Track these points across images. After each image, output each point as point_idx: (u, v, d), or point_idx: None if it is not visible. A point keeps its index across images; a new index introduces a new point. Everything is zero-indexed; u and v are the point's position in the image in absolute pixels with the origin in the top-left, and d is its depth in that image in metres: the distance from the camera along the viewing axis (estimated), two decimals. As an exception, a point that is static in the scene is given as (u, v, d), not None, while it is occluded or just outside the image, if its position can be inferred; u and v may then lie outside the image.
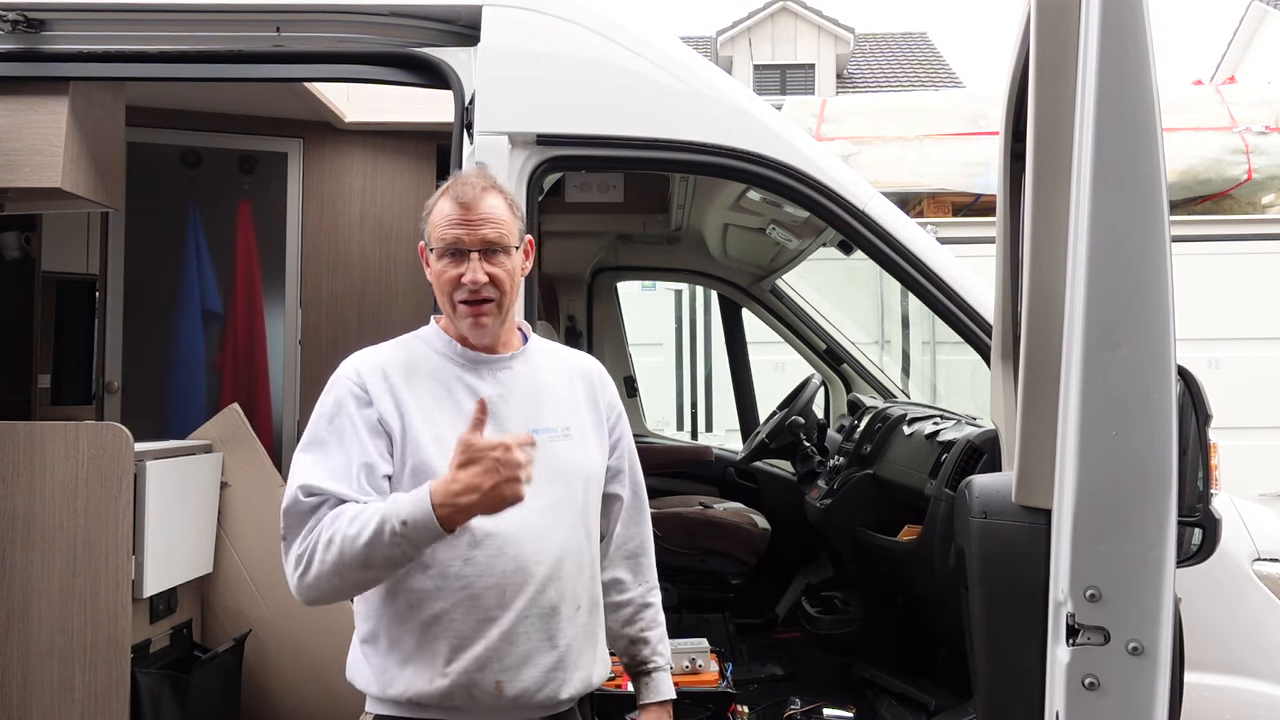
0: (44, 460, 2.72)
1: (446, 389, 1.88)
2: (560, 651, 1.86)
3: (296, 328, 4.45)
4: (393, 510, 1.68)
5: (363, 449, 1.79)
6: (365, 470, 1.78)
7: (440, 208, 1.90)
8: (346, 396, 1.84)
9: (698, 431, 8.50)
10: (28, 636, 2.70)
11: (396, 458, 1.82)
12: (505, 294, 1.89)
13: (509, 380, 1.92)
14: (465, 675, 1.79)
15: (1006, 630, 1.84)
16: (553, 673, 1.86)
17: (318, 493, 1.76)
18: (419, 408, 1.85)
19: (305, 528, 1.75)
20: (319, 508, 1.75)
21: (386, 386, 1.85)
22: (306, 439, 1.84)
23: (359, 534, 1.68)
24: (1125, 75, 1.60)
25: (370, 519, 1.69)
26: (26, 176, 2.80)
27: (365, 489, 1.77)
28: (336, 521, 1.72)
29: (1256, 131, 6.73)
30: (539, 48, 2.61)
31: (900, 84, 20.24)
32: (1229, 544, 2.55)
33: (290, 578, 1.77)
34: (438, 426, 1.83)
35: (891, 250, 2.66)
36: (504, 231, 1.89)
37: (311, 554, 1.73)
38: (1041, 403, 1.76)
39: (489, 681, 1.80)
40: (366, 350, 1.94)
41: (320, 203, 4.46)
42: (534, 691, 1.84)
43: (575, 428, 1.97)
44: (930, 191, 6.85)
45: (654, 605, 2.12)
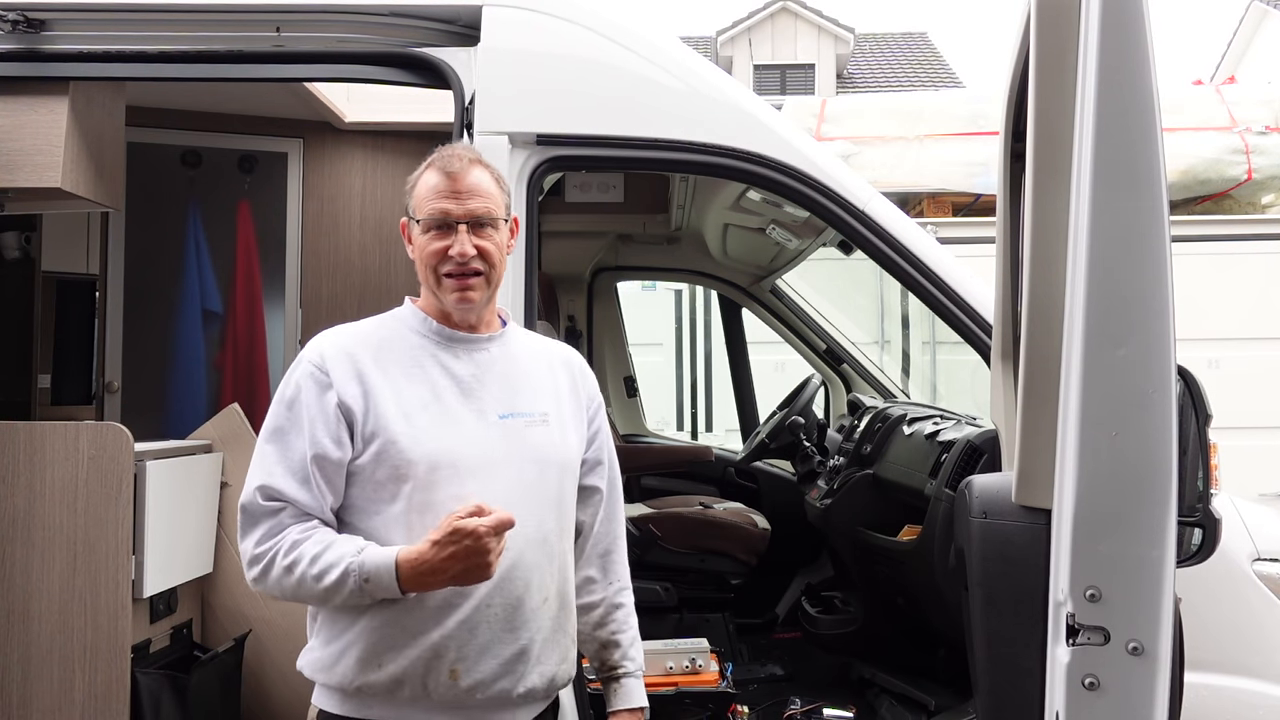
0: (44, 460, 2.72)
1: (419, 365, 1.86)
2: (522, 644, 1.82)
3: (296, 328, 4.45)
4: (358, 564, 1.70)
5: (315, 438, 1.78)
6: (318, 463, 1.78)
7: (426, 180, 1.87)
8: (305, 380, 1.82)
9: (698, 431, 8.50)
10: (28, 636, 2.70)
11: (359, 435, 1.79)
12: (493, 268, 1.87)
13: (485, 361, 1.90)
14: (420, 663, 1.76)
15: (1006, 630, 1.84)
16: (512, 664, 1.81)
17: (276, 497, 1.77)
18: (387, 383, 1.82)
19: (262, 529, 1.77)
20: (278, 514, 1.77)
21: (351, 366, 1.82)
22: (268, 426, 1.84)
23: (321, 575, 1.71)
24: (1125, 75, 1.60)
25: (334, 565, 1.71)
26: (27, 176, 2.80)
27: (320, 486, 1.78)
28: (298, 550, 1.74)
29: (1256, 131, 6.73)
30: (539, 48, 2.61)
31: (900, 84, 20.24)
32: (1229, 544, 2.55)
33: (245, 570, 1.81)
34: (405, 402, 1.81)
35: (891, 250, 2.66)
36: (492, 205, 1.87)
37: (269, 564, 1.76)
38: (1041, 403, 1.76)
39: (444, 670, 1.77)
40: (337, 328, 1.91)
41: (320, 203, 4.46)
42: (489, 683, 1.79)
43: (554, 415, 1.93)
44: (930, 191, 6.85)
45: (625, 606, 2.09)
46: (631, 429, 5.48)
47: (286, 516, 1.77)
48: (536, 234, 2.62)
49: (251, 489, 1.80)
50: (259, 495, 1.79)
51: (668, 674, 2.97)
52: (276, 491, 1.78)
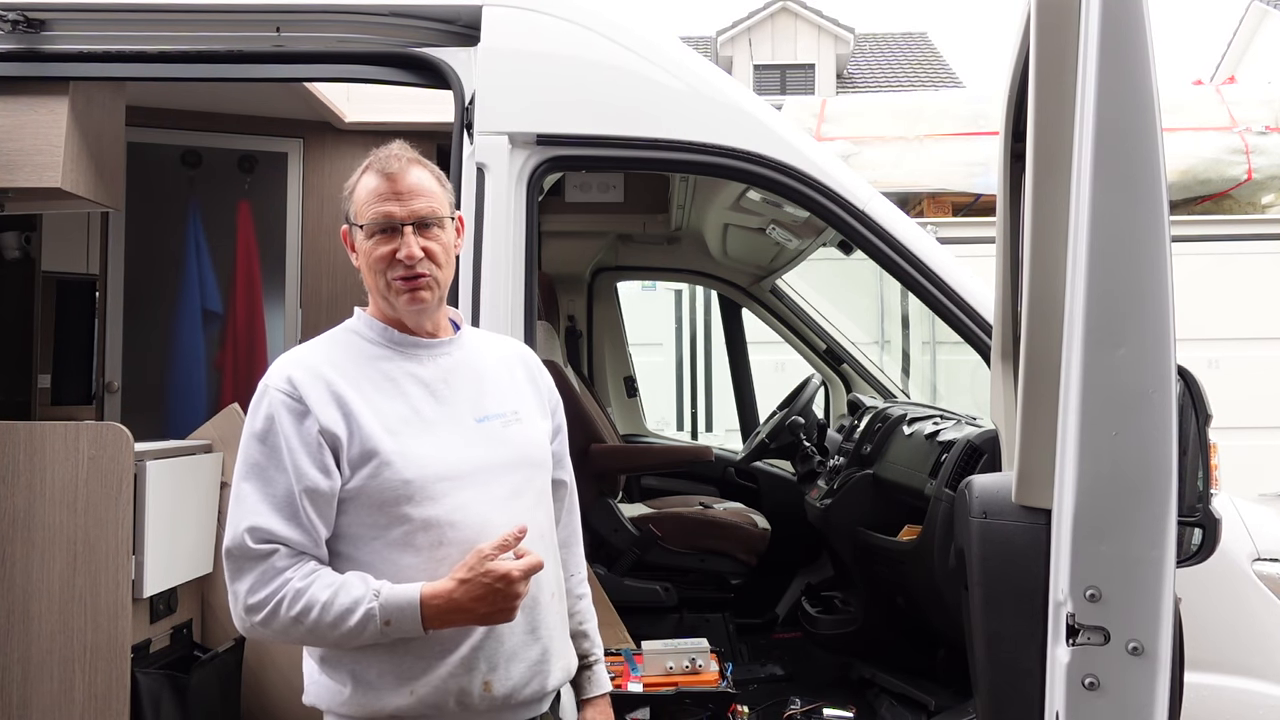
0: (44, 460, 2.71)
1: (389, 378, 1.79)
2: (543, 643, 1.82)
3: (296, 328, 4.45)
4: (378, 607, 1.64)
5: (300, 472, 1.69)
6: (308, 496, 1.69)
7: (365, 183, 1.83)
8: (279, 410, 1.72)
9: (698, 431, 8.50)
10: (28, 636, 2.70)
11: (345, 461, 1.71)
12: (441, 268, 1.83)
13: (450, 365, 1.86)
14: (452, 681, 1.72)
15: (1006, 630, 1.84)
16: (539, 665, 1.81)
17: (268, 539, 1.68)
18: (364, 401, 1.75)
19: (253, 575, 1.68)
20: (269, 557, 1.67)
21: (326, 389, 1.74)
22: (244, 463, 1.73)
23: (338, 623, 1.65)
24: (1125, 75, 1.60)
25: (350, 610, 1.64)
26: (27, 176, 2.79)
27: (311, 520, 1.70)
28: (305, 598, 1.65)
29: (1256, 131, 6.73)
30: (539, 48, 2.61)
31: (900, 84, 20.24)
32: (1229, 544, 2.55)
33: (238, 616, 1.71)
34: (386, 419, 1.75)
35: (891, 250, 2.66)
36: (435, 204, 1.83)
37: (271, 615, 1.67)
38: (1041, 403, 1.75)
39: (477, 683, 1.74)
40: (295, 353, 1.83)
41: (320, 203, 4.46)
42: (522, 687, 1.78)
43: (524, 411, 1.91)
44: (930, 191, 6.85)
45: (586, 596, 2.08)
46: (631, 429, 5.48)
47: (279, 559, 1.68)
48: (536, 234, 2.62)
49: (238, 532, 1.69)
50: (249, 538, 1.68)
51: (668, 674, 2.97)
52: (266, 533, 1.68)
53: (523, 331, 2.53)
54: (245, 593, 1.68)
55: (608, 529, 4.17)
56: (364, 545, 1.74)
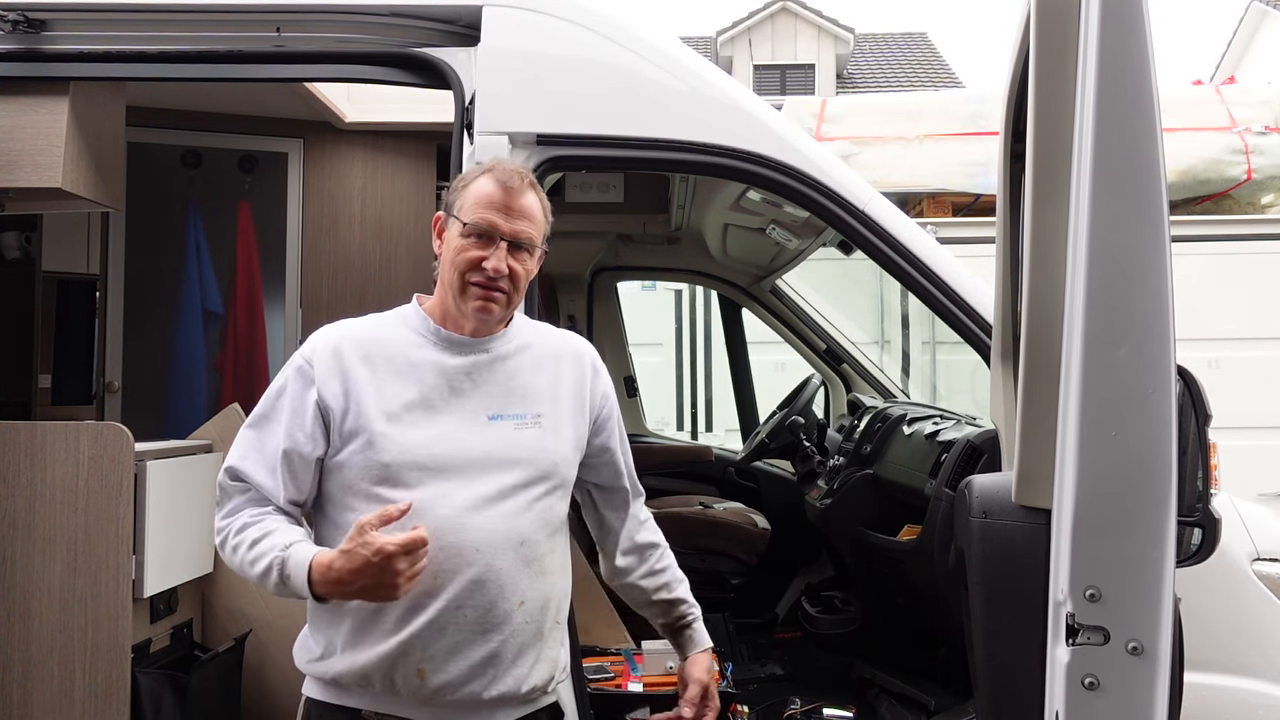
0: (44, 460, 2.72)
1: (411, 364, 1.86)
2: (493, 648, 1.80)
3: (296, 328, 4.45)
4: (280, 560, 1.74)
5: (289, 434, 1.82)
6: (287, 457, 1.82)
7: (481, 186, 1.86)
8: (294, 374, 1.86)
9: (698, 431, 8.50)
10: (28, 636, 2.70)
11: (336, 433, 1.81)
12: (518, 291, 1.88)
13: (481, 362, 1.89)
14: (384, 660, 1.77)
15: (1006, 630, 1.84)
16: (481, 668, 1.80)
17: (241, 478, 1.85)
18: (372, 381, 1.83)
19: (226, 506, 1.86)
20: (240, 494, 1.85)
21: (335, 364, 1.83)
22: (255, 411, 1.89)
23: (254, 562, 1.77)
24: (1125, 75, 1.60)
25: (263, 555, 1.76)
26: (27, 176, 2.80)
27: (284, 477, 1.83)
28: (243, 534, 1.81)
29: (1256, 131, 6.73)
30: (539, 48, 2.61)
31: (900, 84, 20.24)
32: (1229, 544, 2.55)
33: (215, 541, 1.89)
34: (387, 401, 1.81)
35: (891, 250, 2.66)
36: (535, 232, 1.89)
37: (223, 542, 1.85)
38: (1041, 403, 1.75)
39: (410, 668, 1.77)
40: (338, 323, 1.93)
41: (320, 203, 4.46)
42: (458, 685, 1.78)
43: (549, 415, 1.91)
44: (930, 191, 6.84)
45: (670, 565, 2.18)
46: (631, 429, 5.47)
47: (243, 498, 1.85)
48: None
49: (225, 466, 1.87)
50: (227, 475, 1.87)
51: (668, 674, 2.97)
52: (243, 473, 1.85)
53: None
54: (216, 520, 1.87)
55: (608, 529, 4.17)
56: (344, 513, 1.83)
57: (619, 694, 2.91)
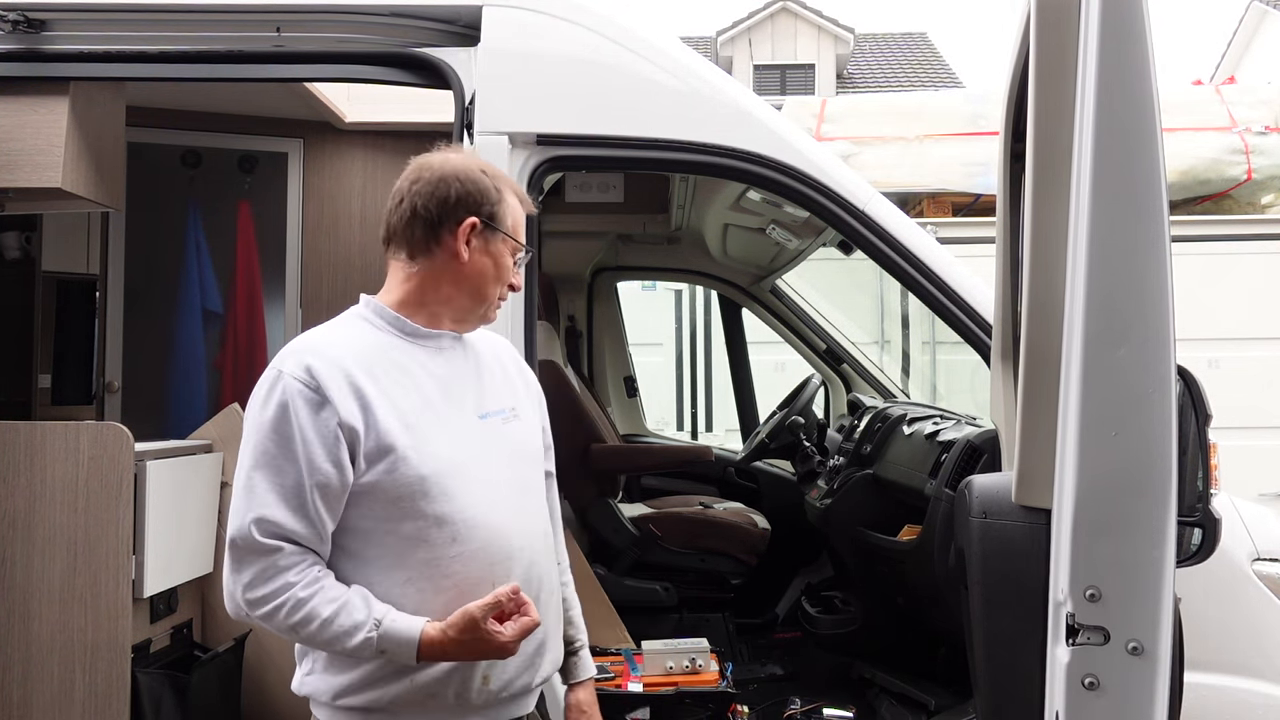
0: (44, 460, 2.72)
1: (403, 370, 1.78)
2: (540, 639, 1.83)
3: (297, 328, 4.45)
4: (375, 637, 1.65)
5: (313, 465, 1.67)
6: (320, 490, 1.67)
7: (516, 208, 1.88)
8: (295, 399, 1.68)
9: (698, 431, 8.50)
10: (28, 636, 2.70)
11: (361, 455, 1.70)
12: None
13: (455, 359, 1.87)
14: (455, 673, 1.73)
15: (1006, 630, 1.84)
16: (532, 658, 1.82)
17: (275, 534, 1.66)
18: (381, 393, 1.73)
19: (254, 569, 1.66)
20: (273, 554, 1.66)
21: (345, 380, 1.71)
22: (254, 451, 1.69)
23: (334, 639, 1.66)
24: (1125, 75, 1.60)
25: (350, 632, 1.65)
26: (27, 176, 2.79)
27: (319, 514, 1.68)
28: (306, 608, 1.65)
29: (1256, 131, 6.73)
30: (539, 48, 2.61)
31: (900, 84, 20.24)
32: (1229, 544, 2.55)
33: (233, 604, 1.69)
34: (403, 412, 1.74)
35: (891, 250, 2.66)
36: None
37: (272, 611, 1.66)
38: (1041, 403, 1.76)
39: (478, 677, 1.76)
40: (308, 340, 1.79)
41: (320, 203, 4.46)
42: (514, 680, 1.80)
43: (519, 408, 1.94)
44: (930, 191, 6.84)
45: (569, 584, 2.09)
46: (631, 429, 5.48)
47: (283, 558, 1.66)
48: (537, 234, 2.62)
49: (245, 522, 1.66)
50: (255, 530, 1.65)
51: (668, 674, 2.97)
52: (273, 526, 1.66)
53: (523, 332, 2.53)
54: (245, 586, 1.67)
55: (608, 529, 4.18)
56: (374, 541, 1.73)
57: (619, 694, 2.91)
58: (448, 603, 1.71)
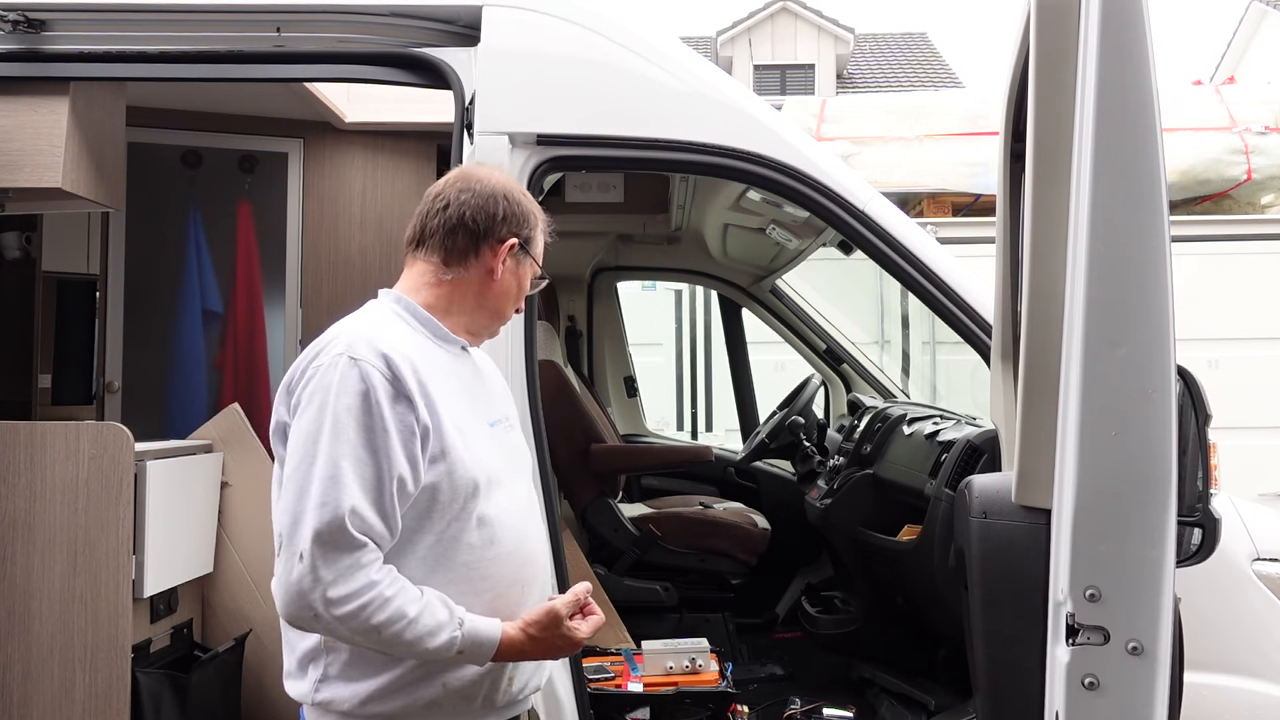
0: (45, 460, 2.72)
1: (447, 374, 1.78)
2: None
3: (296, 328, 4.45)
4: (460, 636, 1.64)
5: (393, 459, 1.62)
6: (399, 486, 1.63)
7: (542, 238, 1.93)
8: (379, 389, 1.62)
9: (698, 431, 8.50)
10: (28, 636, 2.70)
11: (427, 455, 1.67)
12: None
13: (471, 367, 1.91)
14: (487, 677, 1.74)
15: (1006, 630, 1.84)
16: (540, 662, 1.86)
17: (364, 529, 1.59)
18: (441, 397, 1.71)
19: (345, 564, 1.58)
20: (362, 549, 1.59)
21: (415, 378, 1.67)
22: (336, 440, 1.60)
23: (419, 639, 1.61)
24: (1125, 75, 1.60)
25: (434, 631, 1.62)
26: (27, 176, 2.80)
27: (394, 510, 1.63)
28: (395, 605, 1.59)
29: (1256, 131, 6.73)
30: (539, 48, 2.61)
31: (900, 84, 20.24)
32: (1229, 544, 2.55)
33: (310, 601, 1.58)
34: (455, 414, 1.74)
35: (891, 250, 2.66)
36: None
37: (358, 610, 1.58)
38: (1041, 403, 1.76)
39: (505, 679, 1.78)
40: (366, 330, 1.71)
41: (320, 203, 4.46)
42: (529, 680, 1.84)
43: (512, 418, 1.98)
44: (930, 191, 6.85)
45: None
46: (631, 429, 5.48)
47: (366, 555, 1.60)
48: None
49: (339, 513, 1.57)
50: (350, 523, 1.57)
51: (668, 674, 2.97)
52: (363, 521, 1.59)
53: (523, 333, 2.53)
54: (329, 584, 1.57)
55: (608, 529, 4.18)
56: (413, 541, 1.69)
57: (619, 694, 2.91)
58: (486, 604, 1.72)
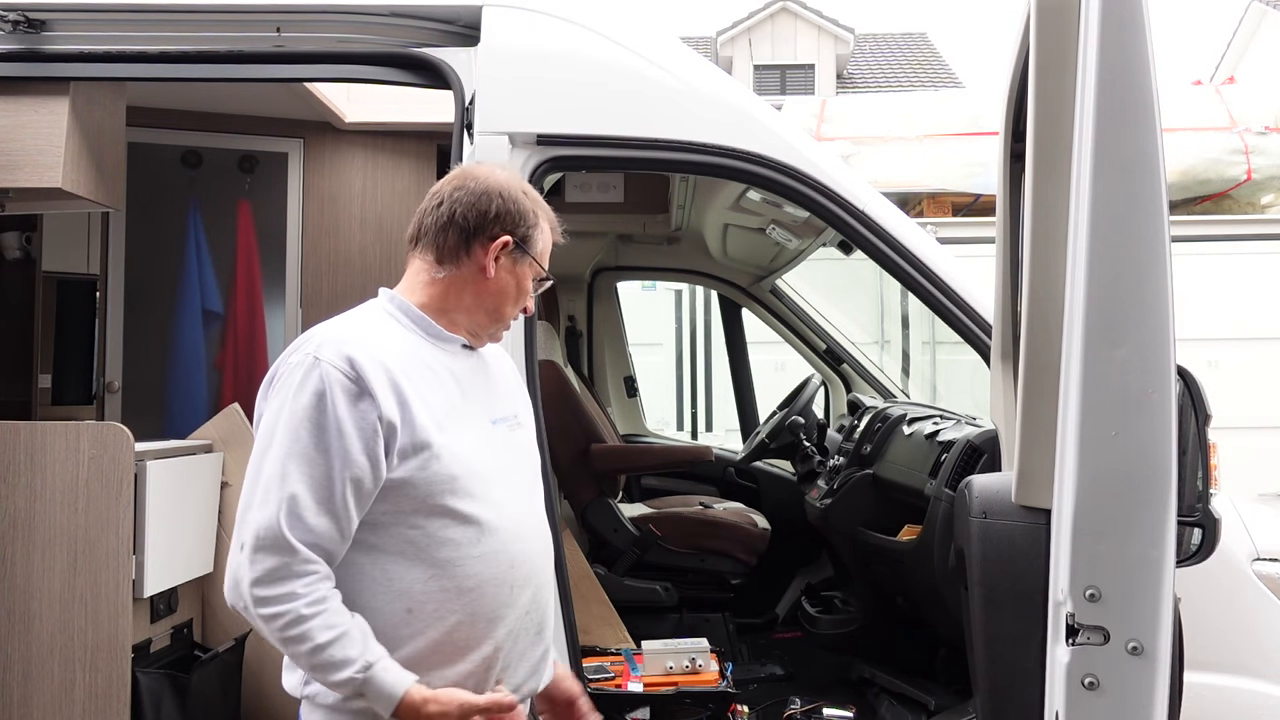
0: (45, 460, 2.72)
1: (430, 369, 1.78)
2: (546, 642, 1.88)
3: (297, 328, 4.45)
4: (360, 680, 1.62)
5: (348, 458, 1.64)
6: (353, 485, 1.64)
7: (546, 234, 1.89)
8: (335, 389, 1.65)
9: (698, 431, 8.50)
10: (29, 636, 2.70)
11: (396, 450, 1.67)
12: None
13: (472, 365, 1.88)
14: (470, 679, 1.73)
15: (1006, 630, 1.84)
16: (538, 665, 1.86)
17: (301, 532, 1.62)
18: (414, 390, 1.72)
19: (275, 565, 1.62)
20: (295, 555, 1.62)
21: (384, 373, 1.69)
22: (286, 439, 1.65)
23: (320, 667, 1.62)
24: (1125, 75, 1.60)
25: (338, 666, 1.61)
26: (27, 176, 2.80)
27: (348, 511, 1.65)
28: (306, 626, 1.60)
29: (1256, 131, 6.73)
30: (539, 48, 2.61)
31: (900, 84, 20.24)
32: (1229, 544, 2.55)
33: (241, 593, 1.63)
34: (435, 410, 1.74)
35: (891, 250, 2.66)
36: None
37: (271, 617, 1.61)
38: (1041, 403, 1.76)
39: (492, 680, 1.76)
40: (342, 331, 1.75)
41: (320, 203, 4.46)
42: (523, 684, 1.82)
43: (521, 416, 1.96)
44: (930, 191, 6.85)
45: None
46: (631, 429, 5.48)
47: (297, 563, 1.62)
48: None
49: (275, 514, 1.62)
50: (285, 524, 1.61)
51: (668, 674, 2.97)
52: (300, 521, 1.62)
53: (523, 332, 2.53)
54: (255, 581, 1.62)
55: (608, 529, 4.18)
56: (396, 536, 1.70)
57: (619, 694, 2.91)
58: (471, 602, 1.71)
